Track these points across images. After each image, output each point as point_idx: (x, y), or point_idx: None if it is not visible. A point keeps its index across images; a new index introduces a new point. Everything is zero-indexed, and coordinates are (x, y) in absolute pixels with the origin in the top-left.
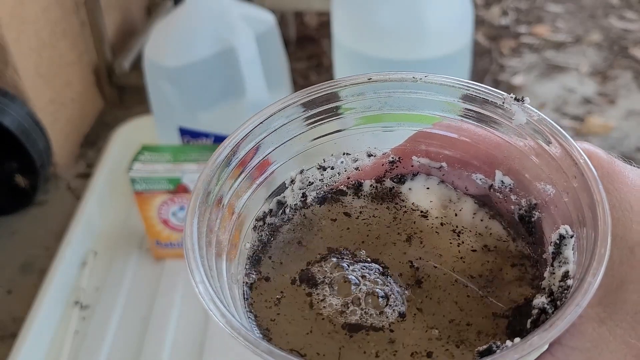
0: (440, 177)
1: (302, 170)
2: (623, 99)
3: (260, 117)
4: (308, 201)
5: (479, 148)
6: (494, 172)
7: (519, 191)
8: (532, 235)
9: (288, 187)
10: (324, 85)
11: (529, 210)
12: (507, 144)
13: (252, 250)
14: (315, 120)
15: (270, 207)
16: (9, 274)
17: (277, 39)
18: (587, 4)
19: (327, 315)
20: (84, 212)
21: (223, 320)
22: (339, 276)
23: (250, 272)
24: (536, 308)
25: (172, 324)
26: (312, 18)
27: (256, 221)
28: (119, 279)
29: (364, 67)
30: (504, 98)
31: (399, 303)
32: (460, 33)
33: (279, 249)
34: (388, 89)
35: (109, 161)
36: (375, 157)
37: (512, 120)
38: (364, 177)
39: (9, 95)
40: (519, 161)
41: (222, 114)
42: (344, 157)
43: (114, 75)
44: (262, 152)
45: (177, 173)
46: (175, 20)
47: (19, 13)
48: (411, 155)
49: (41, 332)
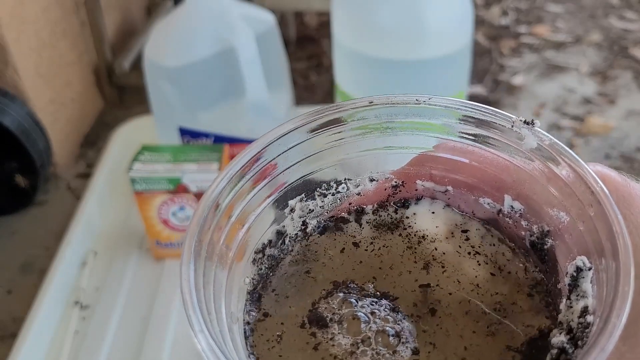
0: (446, 201)
1: (302, 198)
2: (623, 99)
3: (262, 144)
4: (309, 230)
5: (487, 171)
6: (502, 196)
7: (529, 217)
8: (544, 263)
9: (287, 216)
10: (325, 111)
11: (541, 237)
12: (517, 168)
13: (252, 286)
14: (319, 147)
15: (269, 238)
16: (9, 274)
17: (277, 39)
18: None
19: (337, 356)
20: (84, 212)
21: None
22: (347, 313)
23: (251, 310)
24: (555, 347)
25: (172, 324)
26: (312, 18)
27: (255, 254)
28: (119, 279)
29: (364, 67)
30: (513, 121)
31: (410, 340)
32: (460, 33)
33: (281, 282)
34: (389, 113)
35: (109, 161)
36: (377, 182)
37: (521, 144)
38: (366, 203)
39: (9, 95)
40: (529, 186)
41: (222, 114)
42: (345, 182)
43: (114, 75)
44: (266, 176)
45: (177, 173)
46: (175, 20)
47: (19, 13)
48: (415, 179)
49: (41, 332)
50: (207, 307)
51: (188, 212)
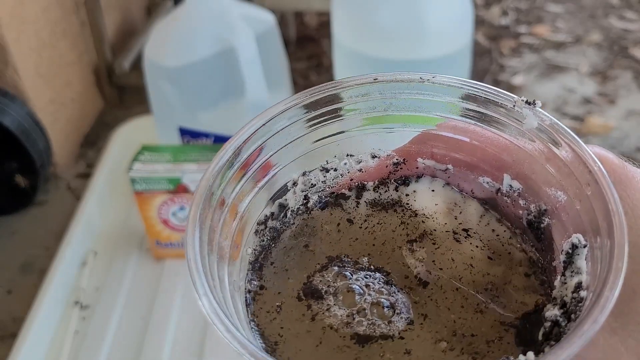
0: (446, 179)
1: (305, 173)
2: (623, 99)
3: (263, 119)
4: (310, 204)
5: (487, 151)
6: (502, 175)
7: (527, 196)
8: (540, 241)
9: (290, 189)
10: (328, 86)
11: (538, 216)
12: (517, 148)
13: (254, 256)
14: (318, 121)
15: (272, 211)
16: (9, 274)
17: (277, 39)
18: (587, 4)
19: (333, 326)
20: (84, 212)
21: (229, 336)
22: (342, 286)
23: (252, 279)
24: (549, 320)
25: (172, 324)
26: (312, 18)
27: (258, 225)
28: (119, 279)
29: (364, 67)
30: (515, 101)
31: (404, 311)
32: (460, 33)
33: (282, 254)
34: (394, 89)
35: (109, 161)
36: (379, 159)
37: (522, 124)
38: (367, 179)
39: (9, 95)
40: (528, 165)
41: (222, 114)
42: (347, 158)
43: (114, 75)
44: (264, 154)
45: (177, 173)
46: (175, 20)
47: (19, 13)
48: (416, 156)
49: (41, 332)
50: (211, 273)
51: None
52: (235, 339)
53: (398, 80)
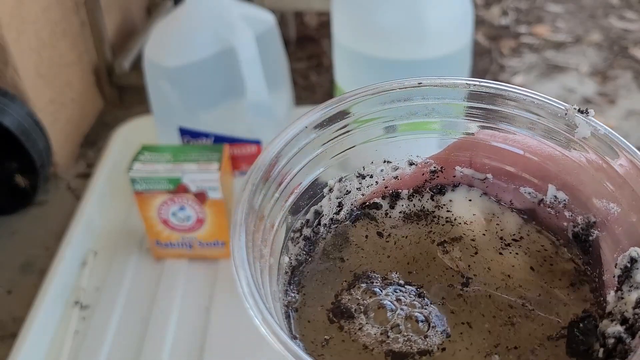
0: (484, 189)
1: (341, 179)
2: (623, 99)
3: (302, 123)
4: (343, 213)
5: (531, 160)
6: (545, 186)
7: (574, 208)
8: (587, 254)
9: (326, 196)
10: (368, 89)
11: (586, 229)
12: (564, 157)
13: (290, 267)
14: (355, 126)
15: (307, 218)
16: (9, 274)
17: (277, 39)
18: (587, 4)
19: (368, 346)
20: (84, 212)
21: (286, 352)
22: (373, 302)
23: (289, 290)
24: (611, 337)
25: (172, 324)
26: (312, 18)
27: (293, 232)
28: (119, 279)
29: (364, 67)
30: (567, 109)
31: (439, 324)
32: (460, 33)
33: (315, 266)
34: (438, 94)
35: (109, 161)
36: (416, 166)
37: (574, 133)
38: (402, 187)
39: (9, 95)
40: (576, 176)
41: (222, 114)
42: (384, 165)
43: (114, 75)
44: (303, 159)
45: (177, 173)
46: (175, 20)
47: (19, 13)
48: (454, 165)
49: (41, 332)
50: (257, 283)
51: (188, 212)
52: (294, 354)
53: (442, 85)
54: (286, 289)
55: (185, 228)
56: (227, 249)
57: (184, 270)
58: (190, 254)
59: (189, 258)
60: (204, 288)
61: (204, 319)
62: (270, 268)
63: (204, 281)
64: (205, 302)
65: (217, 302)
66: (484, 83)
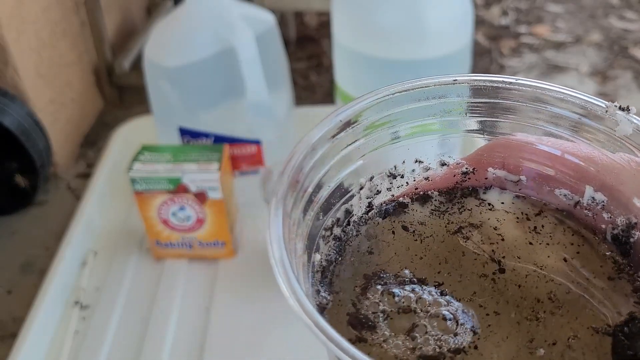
0: (517, 191)
1: (372, 177)
2: (623, 99)
3: (337, 117)
4: (373, 213)
5: (567, 160)
6: (583, 187)
7: (613, 209)
8: (627, 256)
9: (356, 194)
10: (406, 85)
11: (626, 230)
12: (603, 157)
13: (321, 266)
14: (385, 122)
15: (337, 216)
16: (9, 274)
17: (277, 39)
18: (587, 4)
19: (398, 356)
20: (84, 212)
21: (341, 348)
22: (395, 304)
23: (320, 290)
24: None
25: (172, 324)
26: (312, 18)
27: (324, 230)
28: (119, 279)
29: (364, 67)
30: (608, 107)
31: (468, 320)
32: (460, 33)
33: (346, 267)
34: (465, 92)
35: (109, 161)
36: (447, 167)
37: (614, 131)
38: (433, 188)
39: (9, 95)
40: (616, 176)
41: (222, 114)
42: (415, 165)
43: (114, 75)
44: (335, 155)
45: (177, 173)
46: (175, 20)
47: (19, 13)
48: (487, 166)
49: (41, 332)
50: (297, 278)
51: (188, 212)
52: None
53: (476, 82)
54: (318, 288)
55: (185, 228)
56: (227, 249)
57: (184, 270)
58: (190, 254)
59: (189, 258)
60: (204, 288)
61: (204, 319)
62: (303, 265)
63: (204, 281)
64: (205, 302)
65: (217, 302)
66: (522, 81)
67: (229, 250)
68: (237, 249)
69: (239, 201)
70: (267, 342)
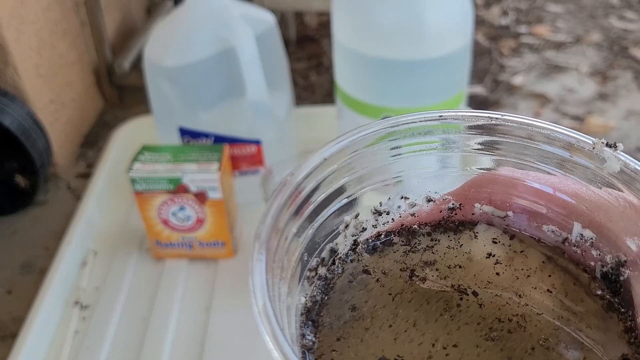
0: (504, 227)
1: (357, 215)
2: (623, 99)
3: (321, 154)
4: (357, 251)
5: (554, 197)
6: (570, 223)
7: (602, 246)
8: (618, 295)
9: (342, 232)
10: (391, 121)
11: (615, 268)
12: (591, 193)
13: (305, 308)
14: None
15: (322, 256)
16: (9, 274)
17: (277, 39)
18: (587, 4)
19: None
20: (84, 212)
21: None
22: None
23: (305, 333)
24: None
25: (172, 324)
26: (312, 18)
27: (309, 271)
28: (119, 279)
29: (364, 67)
30: (594, 143)
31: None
32: (460, 33)
33: (331, 309)
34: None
35: (109, 161)
36: (434, 203)
37: (602, 168)
38: (418, 224)
39: (9, 95)
40: (604, 213)
41: (222, 114)
42: (401, 201)
43: (114, 75)
44: (319, 193)
45: (177, 173)
46: (175, 20)
47: (19, 13)
48: (474, 202)
49: (41, 332)
50: (280, 323)
51: (188, 212)
52: None
53: (464, 118)
54: (303, 332)
55: (185, 228)
56: (227, 249)
57: (184, 270)
58: (190, 254)
59: (189, 258)
60: (204, 288)
61: (204, 319)
62: (288, 309)
63: (204, 281)
64: (205, 302)
65: (217, 302)
66: (507, 117)
67: (229, 250)
68: (237, 249)
69: (239, 201)
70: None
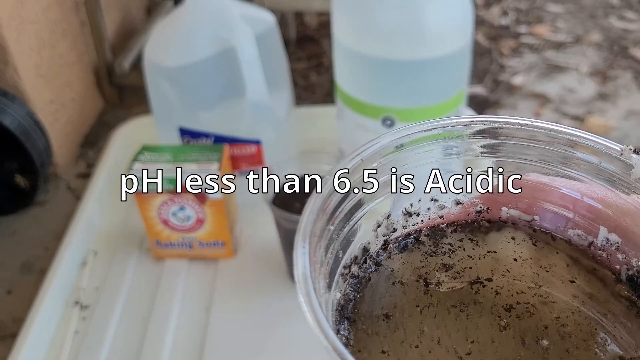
0: (530, 230)
1: (389, 215)
2: (623, 99)
3: (357, 156)
4: (388, 249)
5: (580, 201)
6: (597, 228)
7: (628, 250)
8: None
9: (373, 232)
10: (425, 125)
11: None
12: (617, 199)
13: (339, 304)
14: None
15: (355, 254)
16: (9, 274)
17: (277, 39)
18: (587, 4)
19: None
20: (84, 212)
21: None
22: None
23: (340, 329)
24: None
25: (172, 324)
26: (312, 18)
27: (343, 268)
28: (119, 279)
29: (364, 67)
30: (622, 150)
31: None
32: (460, 33)
33: (363, 307)
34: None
35: (109, 161)
36: (462, 205)
37: (629, 174)
38: (446, 225)
39: (9, 95)
40: (631, 218)
41: (222, 114)
42: (431, 203)
43: (114, 75)
44: (354, 194)
45: (177, 173)
46: (175, 20)
47: (19, 13)
48: (501, 205)
49: (41, 332)
50: (326, 317)
51: (188, 212)
52: None
53: (495, 124)
54: (337, 327)
55: (185, 228)
56: (227, 249)
57: (184, 270)
58: (190, 254)
59: (189, 258)
60: (204, 288)
61: (204, 319)
62: (325, 304)
63: (204, 281)
64: (205, 302)
65: (217, 302)
66: (536, 122)
67: (229, 251)
68: (237, 249)
69: (239, 201)
70: (267, 342)
